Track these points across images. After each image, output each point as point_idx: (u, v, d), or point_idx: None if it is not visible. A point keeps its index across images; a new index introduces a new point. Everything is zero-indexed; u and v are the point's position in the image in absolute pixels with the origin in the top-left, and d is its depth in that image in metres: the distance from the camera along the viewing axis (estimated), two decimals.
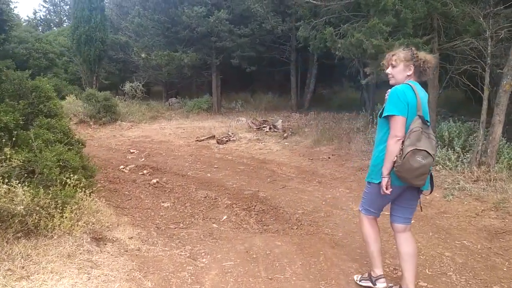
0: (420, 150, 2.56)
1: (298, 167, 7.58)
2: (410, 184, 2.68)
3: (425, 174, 2.61)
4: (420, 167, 2.56)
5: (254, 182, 6.76)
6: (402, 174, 2.62)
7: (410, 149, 2.56)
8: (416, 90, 2.74)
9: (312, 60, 16.58)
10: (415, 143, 2.57)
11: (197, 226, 4.78)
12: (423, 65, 2.81)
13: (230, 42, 14.48)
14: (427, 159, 2.56)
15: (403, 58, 2.84)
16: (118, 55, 21.11)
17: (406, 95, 2.69)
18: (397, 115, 2.68)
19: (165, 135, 11.19)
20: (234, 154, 8.93)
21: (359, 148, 8.27)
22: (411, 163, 2.55)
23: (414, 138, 2.59)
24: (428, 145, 2.60)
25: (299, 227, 4.65)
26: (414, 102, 2.69)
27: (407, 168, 2.57)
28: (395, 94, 2.72)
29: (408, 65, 2.83)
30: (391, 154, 2.67)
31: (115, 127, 11.98)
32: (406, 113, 2.68)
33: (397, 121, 2.67)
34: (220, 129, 11.61)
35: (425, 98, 2.84)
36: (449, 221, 4.59)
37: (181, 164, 8.14)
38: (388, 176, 2.71)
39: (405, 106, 2.68)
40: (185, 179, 6.92)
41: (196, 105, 16.48)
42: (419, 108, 2.68)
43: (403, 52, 2.87)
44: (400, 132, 2.66)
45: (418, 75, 2.87)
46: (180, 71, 15.81)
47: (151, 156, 8.89)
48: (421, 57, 2.83)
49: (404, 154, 2.57)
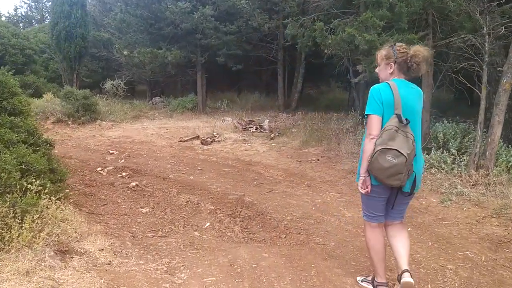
0: (389, 149, 2.53)
1: (286, 170, 7.25)
2: (385, 184, 2.65)
3: (399, 173, 2.55)
4: (391, 167, 2.52)
5: (240, 185, 6.42)
6: (374, 173, 2.64)
7: (379, 148, 2.56)
8: (395, 88, 2.68)
9: (300, 59, 16.28)
10: (386, 142, 2.55)
11: (177, 234, 4.42)
12: (411, 60, 2.72)
13: (216, 40, 14.07)
14: (398, 159, 2.51)
15: (384, 56, 2.82)
16: (101, 52, 20.53)
17: (381, 94, 2.68)
18: (371, 114, 2.70)
19: (147, 135, 10.76)
20: (218, 156, 8.56)
21: (349, 149, 7.98)
22: (380, 162, 2.55)
23: (386, 137, 2.57)
24: (402, 144, 2.54)
25: (287, 236, 4.31)
26: (390, 100, 2.66)
27: (377, 167, 2.58)
28: (370, 93, 2.74)
29: (388, 63, 2.79)
30: (365, 153, 2.69)
31: (95, 127, 11.49)
32: (381, 112, 2.67)
33: (371, 120, 2.69)
34: (205, 129, 11.22)
35: (410, 95, 2.75)
36: (448, 229, 4.30)
37: (162, 166, 7.75)
38: (365, 175, 2.73)
39: (379, 105, 2.67)
40: (166, 182, 6.54)
41: (180, 105, 16.04)
42: (397, 106, 2.64)
43: (385, 49, 2.85)
44: (374, 131, 2.66)
45: (405, 72, 2.78)
46: (164, 69, 15.36)
47: (131, 157, 8.47)
48: (409, 51, 2.74)
49: (373, 153, 2.58)
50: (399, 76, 2.78)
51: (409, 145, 2.56)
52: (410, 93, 2.74)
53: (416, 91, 2.81)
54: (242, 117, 13.22)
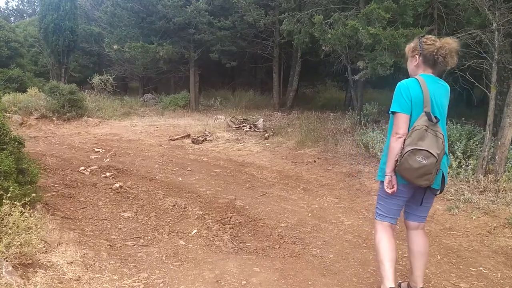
0: (420, 150, 2.42)
1: (280, 172, 6.87)
2: (413, 184, 2.54)
3: (428, 174, 2.44)
4: (421, 168, 2.42)
5: (231, 188, 6.04)
6: (403, 174, 2.52)
7: (409, 148, 2.45)
8: (424, 84, 2.54)
9: (296, 56, 15.91)
10: (416, 142, 2.44)
11: (161, 242, 4.04)
12: (437, 52, 2.55)
13: (209, 35, 13.67)
14: (428, 159, 2.41)
15: (411, 48, 2.71)
16: (92, 47, 20.07)
17: (410, 91, 2.55)
18: (398, 112, 2.57)
19: (136, 133, 10.34)
20: (210, 156, 8.17)
21: (347, 151, 7.62)
22: (410, 163, 2.44)
23: (416, 136, 2.45)
24: (431, 144, 2.43)
25: (281, 246, 3.94)
26: (419, 97, 2.53)
27: (406, 168, 2.47)
28: (398, 89, 2.60)
29: (414, 55, 2.68)
30: (392, 152, 2.58)
31: (81, 123, 11.04)
32: (409, 110, 2.55)
33: (398, 118, 2.57)
34: (196, 128, 10.82)
35: (441, 92, 2.62)
36: (457, 241, 3.95)
37: (150, 165, 7.35)
38: (391, 174, 2.61)
39: (407, 102, 2.54)
40: (152, 184, 6.14)
41: (172, 102, 15.61)
42: (426, 104, 2.51)
43: (413, 41, 2.72)
44: (402, 129, 2.54)
45: (431, 65, 2.62)
46: (155, 65, 14.93)
47: (117, 156, 8.06)
48: (436, 43, 2.58)
49: (403, 154, 2.47)
50: (425, 70, 2.65)
51: (439, 145, 2.46)
52: (438, 89, 2.62)
53: (445, 87, 2.68)
54: (236, 115, 12.84)
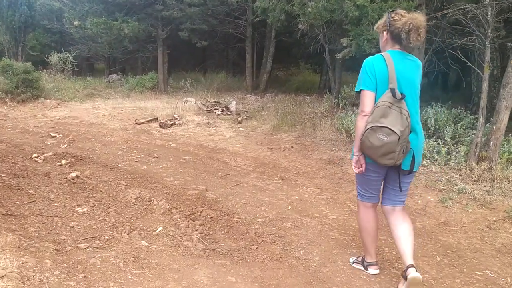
0: (381, 127, 2.36)
1: (256, 159, 6.38)
2: (378, 163, 2.50)
3: (391, 152, 2.38)
4: (383, 145, 2.37)
5: (202, 177, 5.51)
6: (366, 152, 2.51)
7: (370, 126, 2.41)
8: (389, 60, 2.49)
9: (270, 36, 15.34)
10: (377, 120, 2.39)
11: (119, 243, 3.50)
12: (403, 28, 2.47)
13: (178, 12, 12.89)
14: (390, 137, 2.34)
15: (380, 24, 2.64)
16: (53, 24, 18.85)
17: (374, 67, 2.52)
18: (364, 90, 2.55)
19: (98, 116, 9.60)
20: (179, 141, 7.58)
21: (326, 136, 7.19)
22: (371, 141, 2.41)
23: (378, 113, 2.40)
24: (394, 121, 2.36)
25: (259, 246, 3.46)
26: (384, 74, 2.49)
27: (368, 146, 2.44)
28: (363, 67, 2.57)
29: (382, 32, 2.63)
30: (357, 131, 2.55)
31: (37, 105, 10.18)
32: (374, 87, 2.51)
33: (364, 96, 2.55)
34: (165, 111, 10.17)
35: (410, 68, 2.55)
36: (456, 238, 3.57)
37: (112, 152, 6.72)
38: (358, 154, 2.60)
39: (372, 79, 2.51)
40: (114, 173, 5.55)
41: (139, 83, 14.82)
42: (392, 80, 2.45)
43: (384, 17, 2.64)
44: (367, 107, 2.51)
45: (399, 42, 2.56)
46: (121, 44, 14.04)
47: (76, 141, 7.38)
48: (402, 19, 2.50)
49: (364, 132, 2.43)
50: (393, 46, 2.59)
51: (403, 122, 2.37)
52: (406, 65, 2.54)
53: (414, 63, 2.59)
54: (207, 98, 12.23)
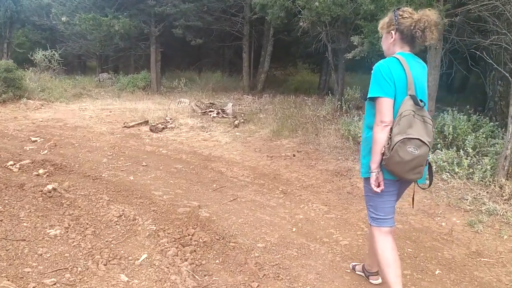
0: (411, 139, 2.16)
1: (254, 168, 5.84)
2: (403, 179, 2.31)
3: (420, 166, 2.21)
4: (413, 159, 2.16)
5: (194, 190, 4.98)
6: (392, 168, 2.24)
7: (399, 138, 2.17)
8: (405, 63, 2.29)
9: (268, 35, 14.83)
10: (405, 130, 2.18)
11: (94, 278, 2.98)
12: (415, 27, 2.29)
13: (172, 8, 12.34)
14: (421, 149, 2.16)
15: (386, 23, 2.44)
16: (43, 21, 18.24)
17: (392, 72, 2.28)
18: (382, 97, 2.28)
19: (84, 119, 9.03)
20: (170, 147, 7.03)
21: (331, 142, 6.66)
22: (401, 155, 2.16)
23: (405, 124, 2.19)
24: (422, 131, 2.19)
25: (261, 283, 2.94)
26: (402, 79, 2.28)
27: (397, 161, 2.19)
28: (378, 71, 2.31)
29: (389, 31, 2.41)
30: (377, 144, 2.28)
31: (19, 106, 9.59)
32: (393, 94, 2.28)
33: (382, 104, 2.28)
34: (156, 113, 9.62)
35: (421, 72, 2.40)
36: (494, 273, 3.04)
37: (96, 160, 6.18)
38: (377, 170, 2.32)
39: (391, 85, 2.27)
40: (96, 185, 5.01)
41: (131, 83, 14.27)
42: (410, 86, 2.27)
43: (388, 16, 2.45)
44: (387, 117, 2.26)
45: (409, 42, 2.37)
46: (111, 41, 13.46)
47: (58, 147, 6.83)
48: (414, 16, 2.32)
49: (392, 145, 2.18)
50: (403, 47, 2.38)
51: (429, 132, 2.22)
52: (419, 69, 2.37)
53: (424, 66, 2.46)
54: (202, 99, 11.68)
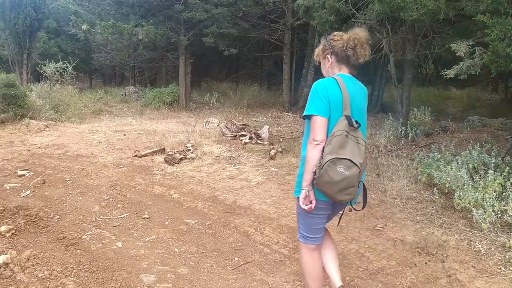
0: (341, 159, 2.18)
1: (294, 230, 4.22)
2: (334, 199, 2.31)
3: (350, 187, 2.22)
4: (343, 180, 2.18)
5: (206, 268, 3.50)
6: (322, 188, 2.26)
7: (330, 158, 2.19)
8: (343, 84, 2.34)
9: (312, 43, 13.22)
10: (336, 151, 2.20)
11: None
12: (346, 46, 2.39)
13: (203, 13, 11.00)
14: (351, 170, 2.18)
15: (321, 50, 2.54)
16: (75, 30, 17.57)
17: (328, 91, 2.32)
18: (315, 115, 2.32)
19: (91, 144, 7.73)
20: (185, 189, 5.54)
21: (401, 190, 4.94)
22: (331, 175, 2.19)
23: (336, 144, 2.21)
24: (353, 152, 2.21)
25: None
26: (338, 99, 2.32)
27: (326, 181, 2.20)
28: (315, 89, 2.36)
29: (325, 56, 2.51)
30: (309, 163, 2.30)
31: (19, 128, 8.44)
32: (328, 113, 2.31)
33: (315, 122, 2.32)
34: (178, 137, 8.21)
35: (359, 94, 2.44)
36: None
37: (86, 208, 4.80)
38: (307, 189, 2.33)
39: (326, 104, 2.31)
40: (67, 257, 3.64)
41: (157, 97, 13.05)
42: (346, 106, 2.30)
43: (320, 43, 2.56)
44: (320, 135, 2.29)
45: (346, 62, 2.44)
46: (135, 51, 12.30)
47: (46, 185, 5.54)
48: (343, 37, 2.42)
49: (323, 164, 2.20)
50: (340, 69, 2.47)
51: (361, 153, 2.25)
52: (357, 91, 2.42)
53: (363, 89, 2.50)
54: (234, 118, 10.20)
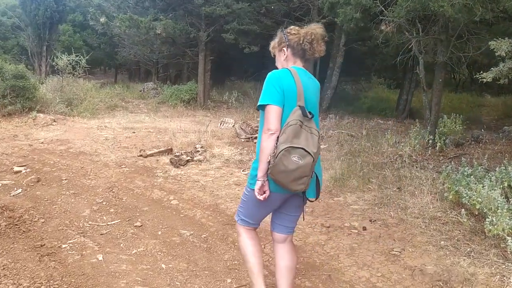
0: (296, 148, 2.20)
1: (299, 249, 3.75)
2: (288, 190, 2.31)
3: (304, 177, 2.24)
4: (297, 169, 2.20)
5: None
6: (277, 177, 2.26)
7: (284, 146, 2.21)
8: (296, 75, 2.39)
9: (338, 43, 12.66)
10: (290, 140, 2.22)
11: None
12: (303, 40, 2.45)
13: (223, 8, 10.59)
14: (305, 159, 2.20)
15: (276, 42, 2.58)
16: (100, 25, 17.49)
17: (282, 81, 2.36)
18: (270, 104, 2.33)
19: (97, 141, 7.42)
20: (185, 195, 5.14)
21: (424, 208, 4.42)
22: (286, 164, 2.20)
23: (290, 133, 2.24)
24: (307, 142, 2.24)
25: None
26: (292, 89, 2.35)
27: (281, 170, 2.22)
28: (269, 79, 2.39)
29: (281, 49, 2.55)
30: (263, 152, 2.31)
31: (26, 121, 8.22)
32: (282, 102, 2.34)
33: (270, 111, 2.33)
34: (189, 137, 7.84)
35: (312, 87, 2.49)
36: None
37: (76, 211, 4.49)
38: (263, 179, 2.33)
39: (280, 94, 2.34)
40: (38, 271, 3.39)
41: (174, 95, 12.75)
42: (300, 97, 2.34)
43: (276, 36, 2.61)
44: (274, 125, 2.31)
45: (301, 56, 2.51)
46: (152, 45, 12.02)
47: (40, 184, 5.26)
48: (300, 32, 2.48)
49: (277, 153, 2.21)
50: (295, 62, 2.51)
51: (315, 143, 2.27)
52: (309, 84, 2.46)
53: (315, 82, 2.56)
54: (250, 119, 9.77)
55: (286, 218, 2.61)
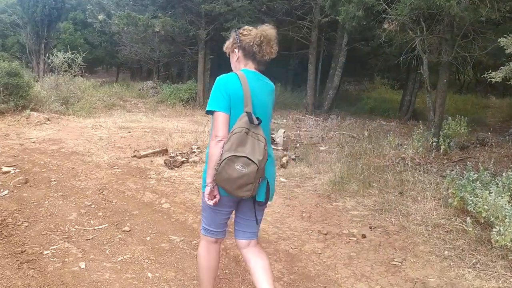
0: (239, 157, 2.17)
1: (293, 258, 3.57)
2: (234, 196, 2.30)
3: (249, 184, 2.21)
4: (241, 177, 2.18)
5: None
6: (221, 185, 2.27)
7: (227, 155, 2.19)
8: (244, 79, 2.33)
9: (340, 43, 12.46)
10: (235, 148, 2.19)
11: None
12: (253, 42, 2.37)
13: (223, 6, 10.40)
14: (249, 167, 2.17)
15: (230, 43, 2.50)
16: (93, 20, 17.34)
17: (228, 87, 2.31)
18: (217, 111, 2.29)
19: (90, 141, 7.24)
20: (178, 198, 4.96)
21: (427, 215, 4.22)
22: (229, 172, 2.19)
23: (235, 141, 2.20)
24: (253, 149, 2.21)
25: None
26: (239, 95, 2.30)
27: (224, 178, 2.21)
28: (216, 85, 2.34)
29: (233, 50, 2.48)
30: (211, 159, 2.31)
31: (19, 120, 8.04)
32: (228, 109, 2.30)
33: (217, 118, 2.30)
34: (186, 137, 7.66)
35: (263, 90, 2.44)
36: None
37: (62, 214, 4.31)
38: (211, 185, 2.34)
39: (226, 100, 2.29)
40: (16, 278, 3.19)
41: (173, 94, 12.57)
42: (247, 103, 2.29)
43: (231, 36, 2.51)
44: (221, 131, 2.29)
45: (253, 58, 2.44)
46: (151, 44, 11.84)
47: (27, 185, 5.09)
48: (251, 33, 2.40)
49: (221, 162, 2.20)
50: (247, 65, 2.46)
51: (261, 150, 2.22)
52: (261, 87, 2.43)
53: (268, 85, 2.51)
54: None
55: (244, 223, 2.59)
